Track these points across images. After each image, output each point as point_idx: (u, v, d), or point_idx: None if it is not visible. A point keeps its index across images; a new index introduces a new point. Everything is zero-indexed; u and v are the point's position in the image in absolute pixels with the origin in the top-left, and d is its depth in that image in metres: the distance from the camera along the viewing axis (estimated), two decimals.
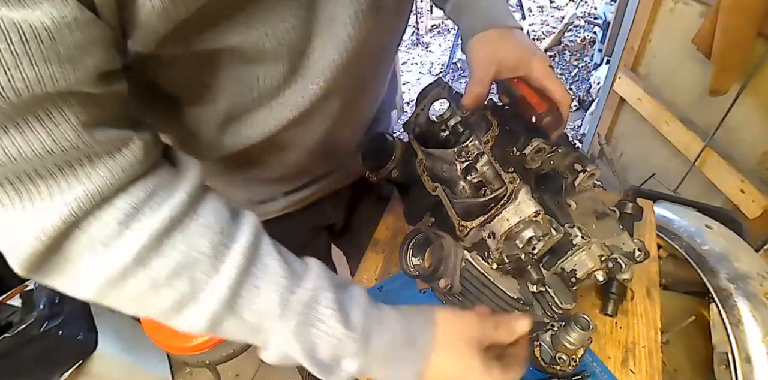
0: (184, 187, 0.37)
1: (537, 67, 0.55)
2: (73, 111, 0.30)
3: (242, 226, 0.40)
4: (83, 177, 0.32)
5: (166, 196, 0.36)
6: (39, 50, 0.27)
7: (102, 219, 0.33)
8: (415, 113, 0.63)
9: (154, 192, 0.36)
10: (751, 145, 1.32)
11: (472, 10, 0.60)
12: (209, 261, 0.36)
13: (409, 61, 3.49)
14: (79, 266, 0.34)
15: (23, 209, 0.31)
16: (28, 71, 0.27)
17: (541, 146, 0.52)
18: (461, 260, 0.54)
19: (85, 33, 0.29)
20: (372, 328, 0.42)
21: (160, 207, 0.35)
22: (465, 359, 0.43)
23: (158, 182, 0.36)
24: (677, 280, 0.88)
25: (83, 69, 0.29)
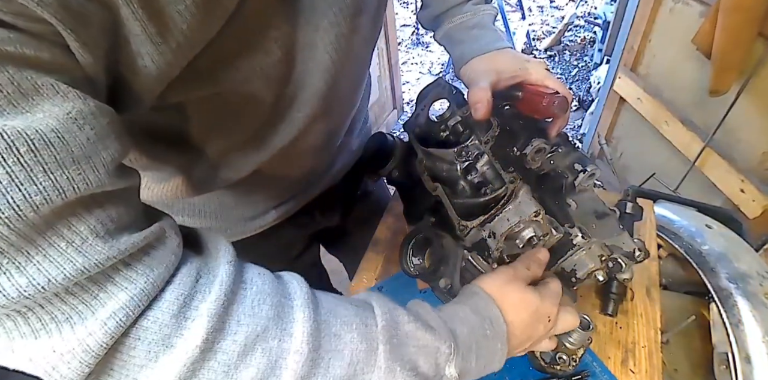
0: (224, 260, 0.35)
1: (535, 71, 0.57)
2: (97, 219, 0.27)
3: (288, 281, 0.38)
4: (124, 282, 0.28)
5: (212, 276, 0.33)
6: (52, 156, 0.24)
7: (154, 319, 0.29)
8: (415, 113, 0.63)
9: (198, 275, 0.33)
10: (751, 145, 1.32)
11: (462, 39, 0.62)
12: (277, 325, 0.34)
13: (409, 61, 3.49)
14: (140, 376, 0.30)
15: (60, 333, 0.26)
16: (44, 182, 0.24)
17: (541, 146, 0.52)
18: (461, 260, 0.54)
19: (95, 126, 0.27)
20: (453, 326, 0.42)
21: (211, 289, 0.32)
22: (524, 300, 0.46)
23: (197, 265, 0.33)
24: (677, 280, 0.88)
25: (101, 165, 0.27)
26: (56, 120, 0.24)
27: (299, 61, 0.43)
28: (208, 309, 0.31)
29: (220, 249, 0.36)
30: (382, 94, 2.40)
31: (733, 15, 1.12)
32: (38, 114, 0.24)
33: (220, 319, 0.31)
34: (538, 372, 0.60)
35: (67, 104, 0.25)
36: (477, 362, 0.41)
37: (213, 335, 0.31)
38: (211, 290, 0.32)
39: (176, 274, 0.32)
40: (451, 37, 0.63)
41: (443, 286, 0.54)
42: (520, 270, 0.48)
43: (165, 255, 0.31)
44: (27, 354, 0.27)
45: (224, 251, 0.36)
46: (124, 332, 0.28)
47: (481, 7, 0.63)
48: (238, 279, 0.34)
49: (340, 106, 0.56)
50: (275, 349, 0.33)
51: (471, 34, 0.61)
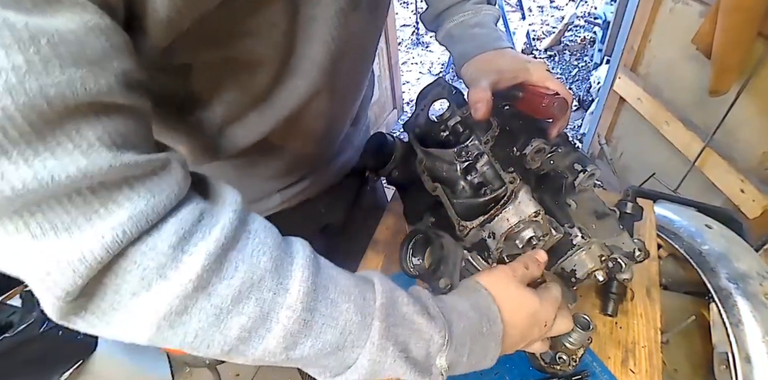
0: (230, 208, 0.35)
1: (535, 72, 0.57)
2: (105, 128, 0.28)
3: (293, 241, 0.38)
4: (125, 201, 0.29)
5: (214, 220, 0.33)
6: (68, 53, 0.25)
7: (152, 245, 0.30)
8: (415, 113, 0.63)
9: (201, 216, 0.33)
10: (751, 145, 1.32)
11: (463, 38, 0.62)
12: (274, 278, 0.34)
13: (409, 61, 3.49)
14: (130, 303, 0.30)
15: (58, 239, 0.27)
16: (59, 76, 0.25)
17: (541, 146, 0.52)
18: (461, 260, 0.54)
19: (109, 38, 0.28)
20: (450, 318, 0.41)
21: (212, 230, 0.32)
22: (523, 302, 0.45)
23: (201, 207, 0.33)
24: (677, 280, 0.88)
25: (112, 74, 0.28)
26: (75, 24, 0.26)
27: (301, 31, 0.44)
28: (207, 248, 0.31)
29: (227, 197, 0.36)
30: (382, 94, 2.40)
31: (732, 15, 1.12)
32: (59, 18, 0.25)
33: (218, 260, 0.31)
34: (538, 372, 0.60)
35: (86, 15, 0.26)
36: (468, 358, 0.41)
37: (208, 275, 0.31)
38: (212, 232, 0.32)
39: (179, 209, 0.32)
40: (451, 35, 0.63)
41: (443, 286, 0.54)
42: (518, 269, 0.48)
43: (168, 184, 0.31)
44: (25, 258, 0.27)
45: (231, 199, 0.36)
46: (121, 253, 0.29)
47: (483, 6, 0.63)
48: (241, 228, 0.34)
49: (343, 85, 0.56)
50: (269, 301, 0.33)
51: (472, 32, 0.61)
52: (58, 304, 0.28)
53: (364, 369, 0.37)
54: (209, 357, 0.75)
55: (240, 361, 0.36)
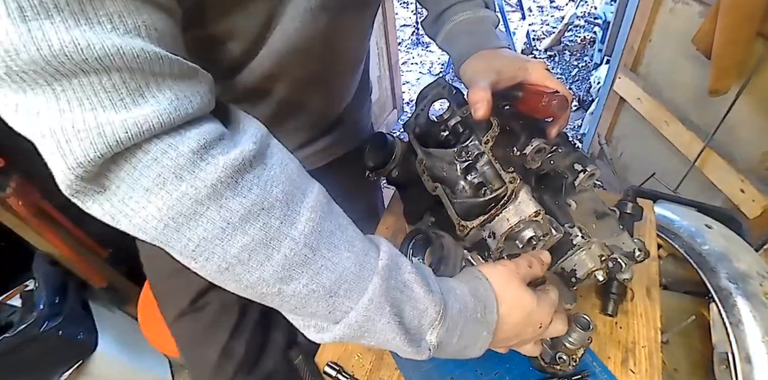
0: (251, 138, 0.35)
1: (534, 71, 0.57)
2: (144, 20, 0.30)
3: (311, 183, 0.38)
4: (150, 97, 0.30)
5: (234, 143, 0.34)
6: None
7: (174, 145, 0.31)
8: (415, 113, 0.63)
9: (222, 136, 0.34)
10: (751, 145, 1.32)
11: (461, 36, 0.62)
12: (284, 209, 0.34)
13: (409, 61, 3.49)
14: (143, 198, 0.31)
15: (82, 114, 0.28)
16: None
17: (541, 146, 0.52)
18: (461, 260, 0.54)
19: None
20: (447, 298, 0.41)
21: (231, 149, 0.33)
22: (522, 300, 0.45)
23: (224, 131, 0.35)
24: (677, 280, 0.88)
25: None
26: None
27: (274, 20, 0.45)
28: (225, 162, 0.32)
29: (249, 129, 0.37)
30: (382, 94, 2.40)
31: (732, 15, 1.12)
32: None
33: (233, 177, 0.32)
34: (538, 372, 0.60)
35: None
36: (458, 340, 0.41)
37: (223, 187, 0.32)
38: (231, 151, 0.33)
39: (202, 123, 0.33)
40: (450, 36, 0.63)
41: None
42: (522, 266, 0.48)
43: (194, 92, 0.32)
44: (48, 124, 0.28)
45: (252, 131, 0.36)
46: (141, 145, 0.30)
47: (481, 9, 0.63)
48: (259, 158, 0.35)
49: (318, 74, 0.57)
50: (275, 229, 0.34)
51: (470, 30, 0.62)
52: (70, 176, 0.29)
53: (356, 324, 0.37)
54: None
55: (232, 288, 0.36)
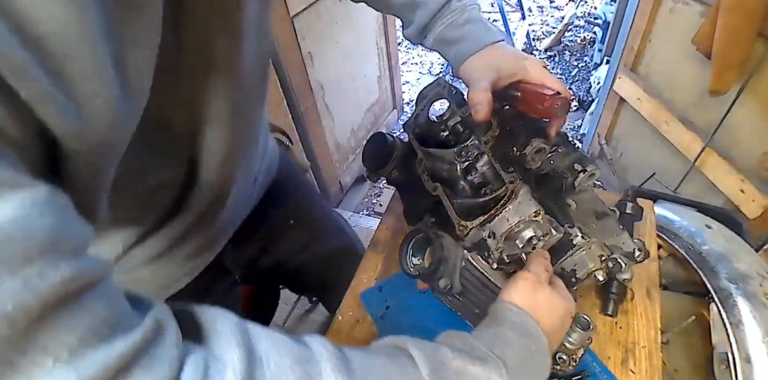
0: (231, 341, 0.31)
1: (533, 69, 0.57)
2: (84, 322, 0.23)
3: (310, 343, 0.35)
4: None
5: (221, 365, 0.29)
6: (15, 251, 0.20)
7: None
8: (415, 113, 0.63)
9: (206, 366, 0.29)
10: (751, 145, 1.32)
11: (456, 38, 0.61)
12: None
13: (409, 61, 3.49)
14: None
15: None
16: (12, 283, 0.20)
17: (541, 146, 0.52)
18: (461, 260, 0.54)
19: (54, 208, 0.23)
20: (499, 351, 0.41)
21: (224, 376, 0.29)
22: (553, 306, 0.48)
23: (203, 355, 0.30)
24: (677, 280, 0.88)
25: (71, 250, 0.24)
26: (11, 209, 0.21)
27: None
28: None
29: (221, 329, 0.32)
30: (382, 94, 2.40)
31: (732, 15, 1.12)
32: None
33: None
34: None
35: (19, 193, 0.21)
36: (529, 377, 0.42)
37: None
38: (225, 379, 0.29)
39: (183, 369, 0.28)
40: (444, 38, 0.62)
41: (443, 286, 0.54)
42: (542, 273, 0.49)
43: (167, 352, 0.28)
44: None
45: (227, 329, 0.32)
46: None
47: (466, 2, 0.62)
48: (251, 360, 0.30)
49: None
50: None
51: (464, 31, 0.61)
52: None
53: None
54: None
55: None
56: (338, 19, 1.77)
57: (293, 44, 1.52)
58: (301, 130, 1.70)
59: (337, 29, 1.79)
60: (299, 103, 1.61)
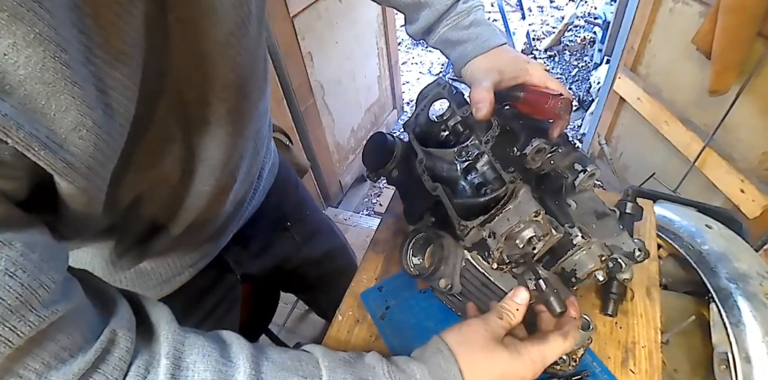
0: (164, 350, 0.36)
1: (535, 72, 0.57)
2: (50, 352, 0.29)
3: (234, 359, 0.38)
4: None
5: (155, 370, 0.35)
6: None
7: None
8: (415, 113, 0.63)
9: (147, 371, 0.34)
10: (751, 145, 1.32)
11: (461, 39, 0.61)
12: None
13: (409, 61, 3.49)
14: None
15: None
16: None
17: (541, 146, 0.52)
18: (461, 260, 0.54)
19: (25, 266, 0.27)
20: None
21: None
22: (491, 364, 0.43)
23: (147, 359, 0.35)
24: (677, 280, 0.88)
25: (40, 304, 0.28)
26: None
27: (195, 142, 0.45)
28: None
29: (161, 333, 0.37)
30: (382, 94, 2.40)
31: (732, 15, 1.12)
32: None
33: None
34: None
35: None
36: None
37: None
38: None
39: (129, 372, 0.34)
40: (448, 39, 0.63)
41: (443, 286, 0.54)
42: (490, 322, 0.46)
43: (119, 359, 0.33)
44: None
45: (165, 335, 0.37)
46: None
47: (472, 4, 0.62)
48: (176, 370, 0.35)
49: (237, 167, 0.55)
50: None
51: (469, 32, 0.61)
52: None
53: None
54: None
55: None
56: (338, 19, 1.77)
57: (293, 44, 1.52)
58: (301, 130, 1.70)
59: (337, 29, 1.79)
60: (299, 103, 1.61)
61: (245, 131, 0.50)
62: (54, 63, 0.25)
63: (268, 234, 0.80)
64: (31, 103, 0.25)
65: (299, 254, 0.87)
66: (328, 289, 0.92)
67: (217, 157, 0.47)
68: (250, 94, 0.48)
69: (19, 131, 0.24)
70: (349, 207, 2.19)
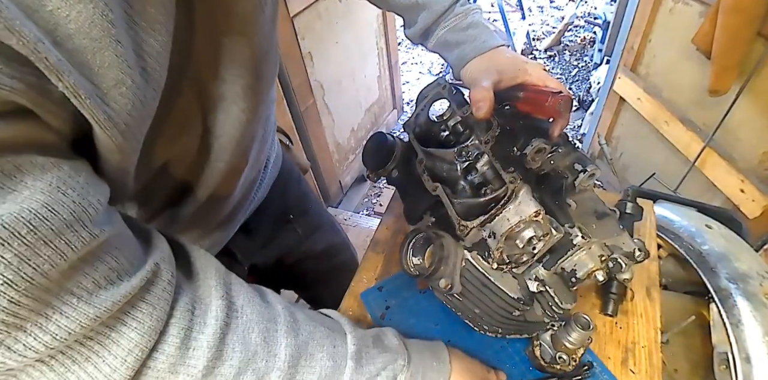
0: (215, 291, 0.39)
1: (533, 72, 0.58)
2: (98, 271, 0.30)
3: (274, 305, 0.44)
4: (133, 322, 0.32)
5: (205, 308, 0.38)
6: (48, 228, 0.26)
7: (161, 350, 0.34)
8: (415, 113, 0.63)
9: (193, 307, 0.37)
10: (751, 145, 1.32)
11: (459, 41, 0.62)
12: (264, 349, 0.40)
13: (409, 61, 3.49)
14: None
15: (87, 374, 0.31)
16: (47, 251, 0.26)
17: (541, 146, 0.52)
18: (461, 260, 0.54)
19: (74, 185, 0.28)
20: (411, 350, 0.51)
21: (206, 320, 0.37)
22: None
23: (191, 297, 0.37)
24: (677, 280, 0.88)
25: (89, 221, 0.29)
26: (42, 193, 0.26)
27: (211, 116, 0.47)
28: (207, 342, 0.36)
29: (210, 277, 0.40)
30: (382, 94, 2.40)
31: (732, 15, 1.12)
32: (24, 191, 0.26)
33: (218, 349, 0.37)
34: (538, 372, 0.60)
35: (46, 175, 0.27)
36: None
37: (212, 363, 0.36)
38: (207, 322, 0.37)
39: (175, 307, 0.36)
40: (446, 41, 0.63)
41: (443, 286, 0.54)
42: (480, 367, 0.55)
43: (163, 290, 0.35)
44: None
45: (215, 279, 0.40)
46: (142, 363, 0.33)
47: (470, 6, 0.62)
48: (230, 309, 0.39)
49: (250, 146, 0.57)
50: (262, 368, 0.39)
51: (467, 34, 0.61)
52: None
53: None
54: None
55: None
56: (338, 19, 1.77)
57: (293, 44, 1.52)
58: (301, 130, 1.70)
59: (337, 29, 1.79)
60: (299, 103, 1.61)
61: (257, 111, 0.51)
62: (102, 20, 0.26)
63: (272, 227, 0.81)
64: (79, 56, 0.26)
65: (301, 247, 0.89)
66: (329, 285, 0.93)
67: (231, 133, 0.49)
68: (264, 75, 0.49)
69: (69, 77, 0.25)
70: (349, 207, 2.19)
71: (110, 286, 0.31)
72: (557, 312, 0.54)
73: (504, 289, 0.53)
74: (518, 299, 0.52)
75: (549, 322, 0.57)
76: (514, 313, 0.53)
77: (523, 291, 0.53)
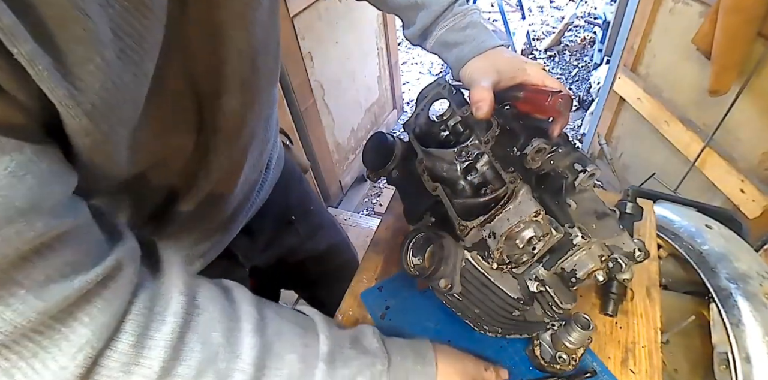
0: (176, 287, 0.37)
1: (533, 72, 0.58)
2: (51, 264, 0.29)
3: (239, 303, 0.41)
4: (85, 318, 0.31)
5: (165, 305, 0.36)
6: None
7: (114, 348, 0.33)
8: (415, 113, 0.63)
9: (152, 303, 0.35)
10: (751, 145, 1.32)
11: (457, 41, 0.62)
12: (226, 349, 0.38)
13: (409, 61, 3.49)
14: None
15: (34, 371, 0.29)
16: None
17: (541, 146, 0.52)
18: (461, 260, 0.54)
19: (34, 171, 0.27)
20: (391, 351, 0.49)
21: (165, 318, 0.35)
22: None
23: (152, 293, 0.36)
24: (677, 280, 0.88)
25: (47, 211, 0.28)
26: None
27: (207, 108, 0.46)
28: (164, 340, 0.34)
29: (173, 272, 0.38)
30: (382, 94, 2.40)
31: (732, 15, 1.12)
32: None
33: (175, 348, 0.35)
34: (538, 372, 0.60)
35: (4, 158, 0.25)
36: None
37: (169, 363, 0.34)
38: (165, 319, 0.35)
39: (134, 303, 0.34)
40: (445, 42, 0.63)
41: (443, 286, 0.54)
42: (480, 366, 0.54)
43: (122, 286, 0.33)
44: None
45: (177, 275, 0.38)
46: (93, 362, 0.31)
47: (468, 7, 0.62)
48: (190, 307, 0.37)
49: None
50: (224, 370, 0.37)
51: (465, 34, 0.61)
52: None
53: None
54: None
55: None
56: (338, 19, 1.77)
57: (293, 44, 1.52)
58: (301, 130, 1.70)
59: (337, 29, 1.79)
60: (299, 103, 1.61)
61: (255, 105, 0.50)
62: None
63: (274, 228, 0.81)
64: (41, 26, 0.25)
65: (303, 248, 0.89)
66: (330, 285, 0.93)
67: (229, 128, 0.48)
68: (261, 69, 0.48)
69: (25, 44, 0.24)
70: (349, 207, 2.19)
71: (63, 280, 0.29)
72: (557, 312, 0.54)
73: (504, 289, 0.53)
74: (518, 299, 0.52)
75: (549, 322, 0.57)
76: (514, 313, 0.53)
77: (523, 291, 0.53)
